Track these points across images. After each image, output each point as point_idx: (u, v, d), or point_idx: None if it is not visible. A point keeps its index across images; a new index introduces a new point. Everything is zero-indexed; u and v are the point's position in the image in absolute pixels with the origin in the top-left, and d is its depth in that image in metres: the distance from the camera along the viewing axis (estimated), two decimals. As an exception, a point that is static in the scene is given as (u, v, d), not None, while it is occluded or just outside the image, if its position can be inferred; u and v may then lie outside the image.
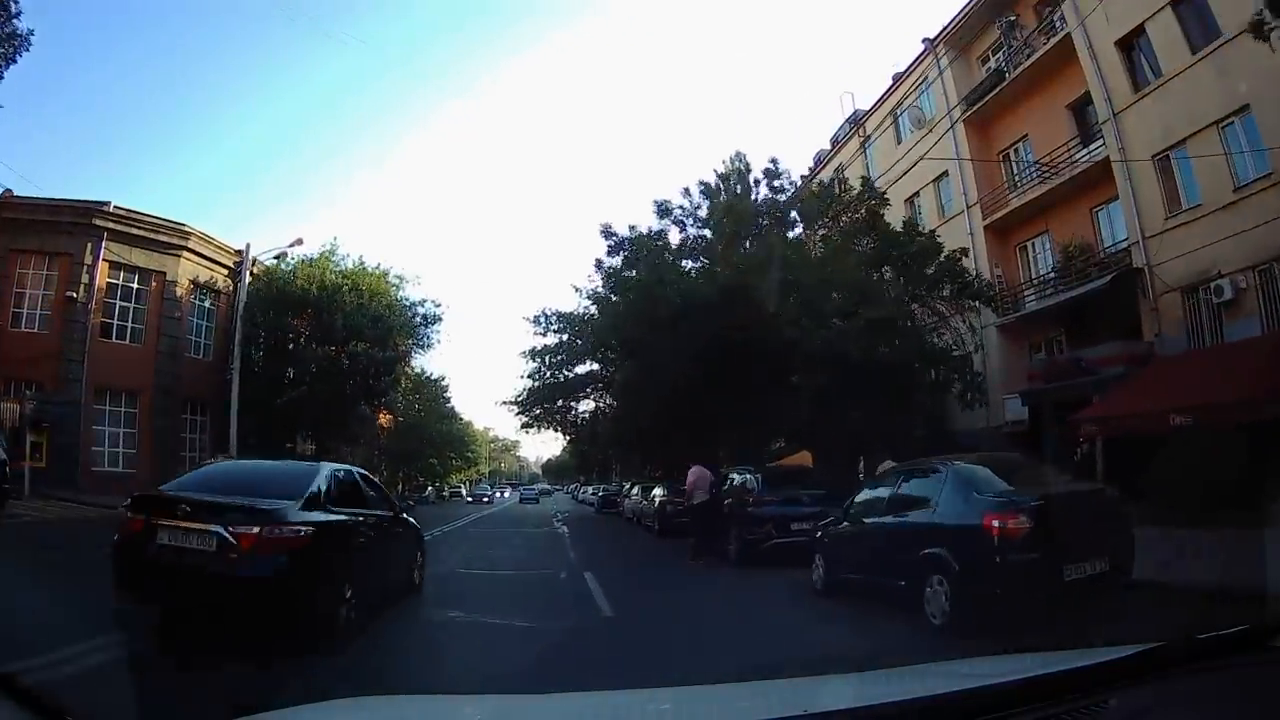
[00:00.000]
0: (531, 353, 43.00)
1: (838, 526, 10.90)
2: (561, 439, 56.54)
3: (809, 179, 30.26)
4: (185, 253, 32.27)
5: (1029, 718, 1.86)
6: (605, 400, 44.07)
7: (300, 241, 32.95)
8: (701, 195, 25.67)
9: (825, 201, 24.32)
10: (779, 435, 24.74)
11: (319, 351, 32.52)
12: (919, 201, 28.62)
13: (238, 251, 33.45)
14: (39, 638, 5.90)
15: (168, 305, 31.71)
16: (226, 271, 33.93)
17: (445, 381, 59.88)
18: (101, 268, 29.76)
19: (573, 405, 45.78)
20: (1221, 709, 2.03)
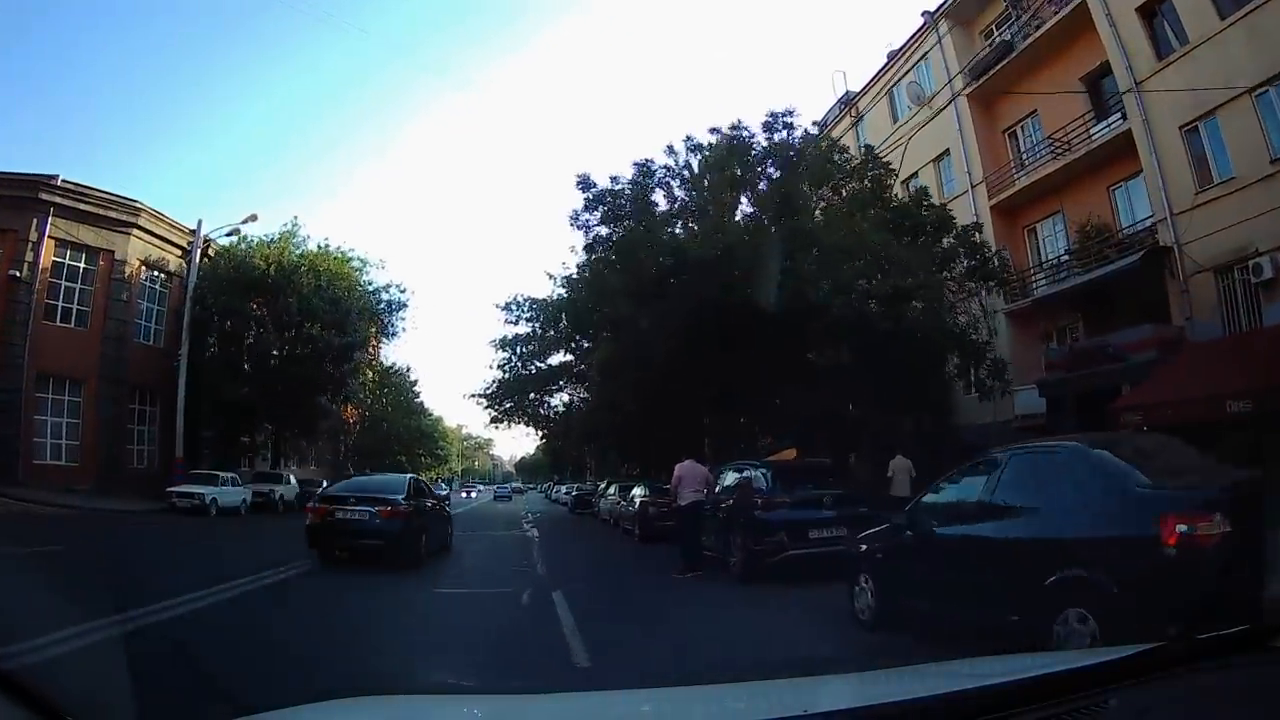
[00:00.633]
0: (502, 342, 41.44)
1: (897, 537, 8.04)
2: (535, 436, 54.96)
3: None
4: (136, 231, 30.32)
5: (1029, 718, 1.81)
6: (579, 393, 42.58)
7: (254, 218, 31.03)
8: (690, 151, 21.95)
9: (825, 164, 21.16)
10: (779, 426, 22.32)
11: (273, 337, 30.65)
12: (917, 182, 27.07)
13: (192, 231, 31.45)
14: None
15: (116, 287, 29.74)
16: (180, 252, 31.93)
17: (411, 374, 57.92)
18: (47, 245, 27.94)
19: (545, 399, 44.22)
20: (1221, 709, 1.97)
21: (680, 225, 20.83)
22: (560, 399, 44.81)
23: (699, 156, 21.40)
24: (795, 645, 7.73)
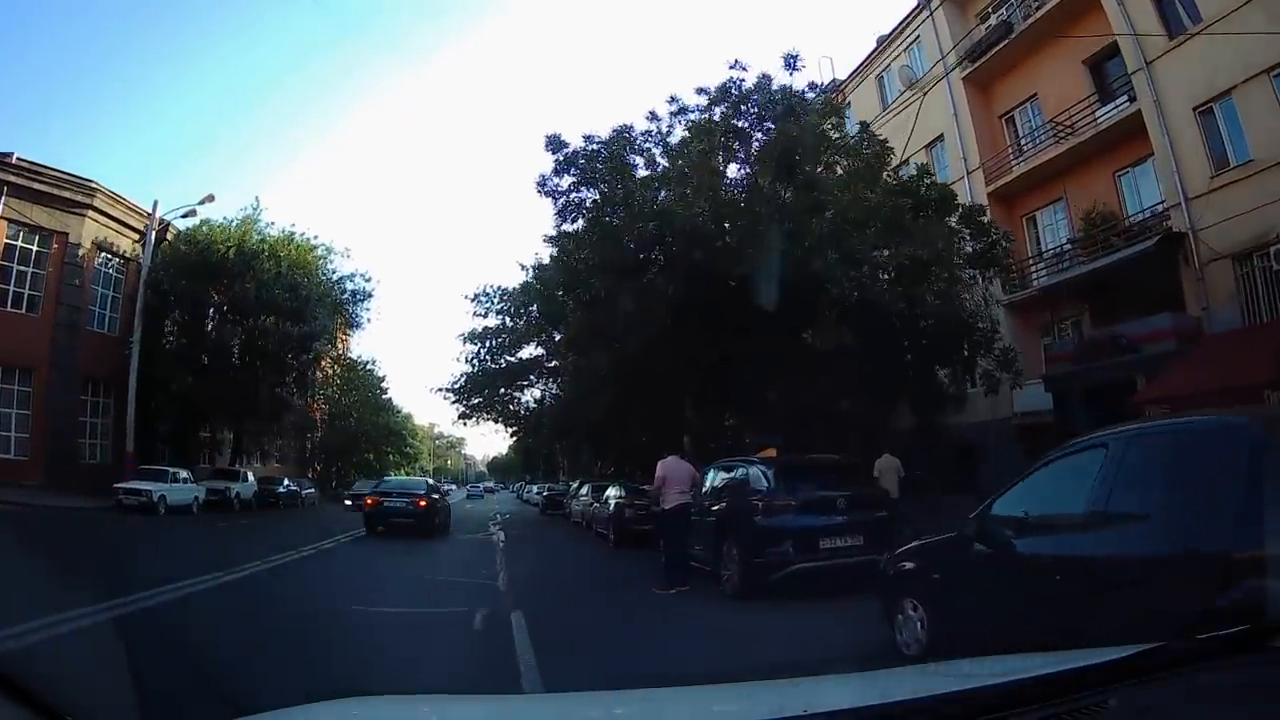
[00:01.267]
0: (470, 335, 40.27)
1: (960, 554, 6.02)
2: (506, 435, 53.68)
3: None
4: (91, 212, 28.69)
5: (1029, 718, 1.80)
6: (551, 388, 41.49)
7: (211, 198, 29.47)
8: (675, 116, 19.68)
9: (820, 133, 18.81)
10: (766, 421, 20.80)
11: (230, 325, 29.28)
12: (908, 171, 26.25)
13: (150, 215, 29.90)
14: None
15: (69, 271, 28.13)
16: (137, 236, 30.30)
17: (376, 367, 56.23)
18: (-1, 225, 26.19)
19: (515, 394, 43.10)
20: (1221, 709, 1.94)
21: (663, 192, 18.29)
22: (531, 395, 43.79)
23: (685, 120, 19.46)
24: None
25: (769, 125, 18.45)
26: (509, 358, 40.26)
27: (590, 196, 19.01)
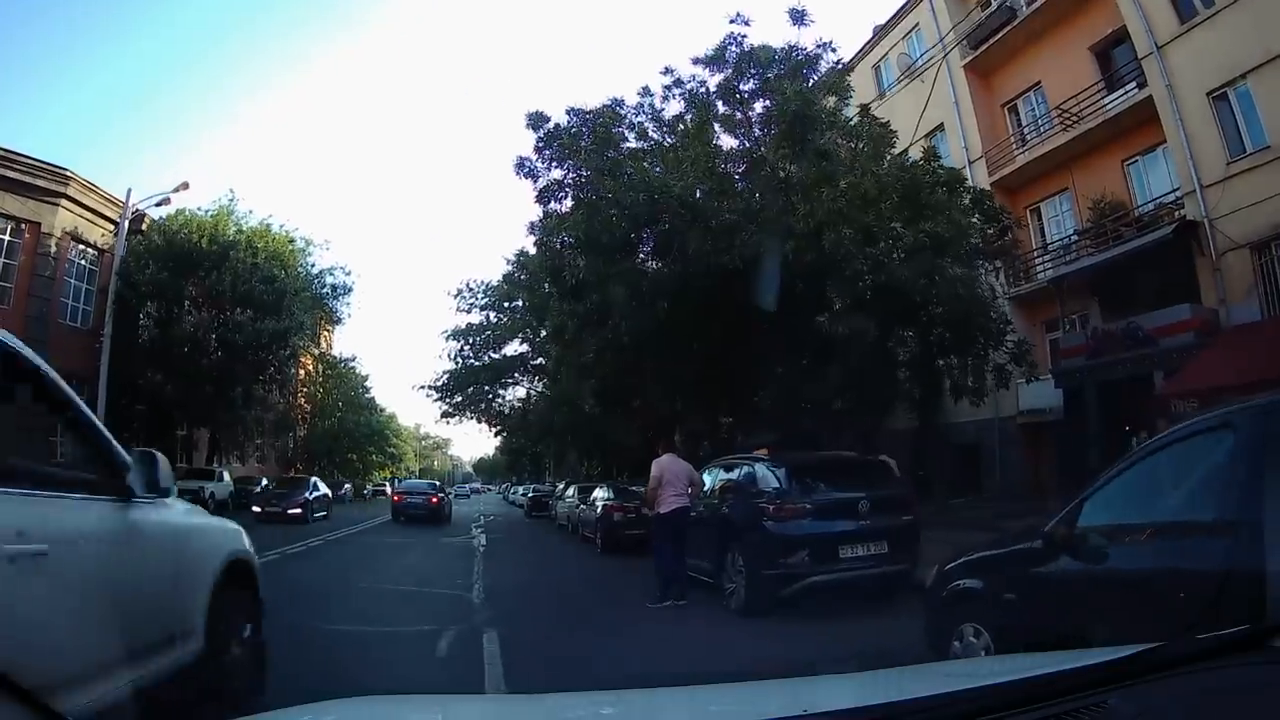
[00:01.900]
0: (453, 332, 39.53)
1: (1037, 568, 4.75)
2: (492, 435, 52.88)
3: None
4: (64, 201, 27.58)
5: (1029, 718, 1.76)
6: (536, 385, 40.80)
7: (186, 186, 28.33)
8: (669, 90, 18.31)
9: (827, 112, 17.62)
10: (760, 419, 19.52)
11: (205, 319, 28.33)
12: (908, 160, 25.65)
13: (124, 203, 28.88)
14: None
15: (40, 262, 27.02)
16: (112, 227, 29.20)
17: (357, 363, 55.11)
18: (-33, 214, 25.23)
19: (499, 392, 42.39)
20: (1221, 709, 1.85)
21: (657, 167, 16.77)
22: (516, 393, 43.10)
23: (680, 92, 18.20)
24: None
25: (771, 97, 17.23)
26: (492, 355, 39.61)
27: (574, 175, 17.50)
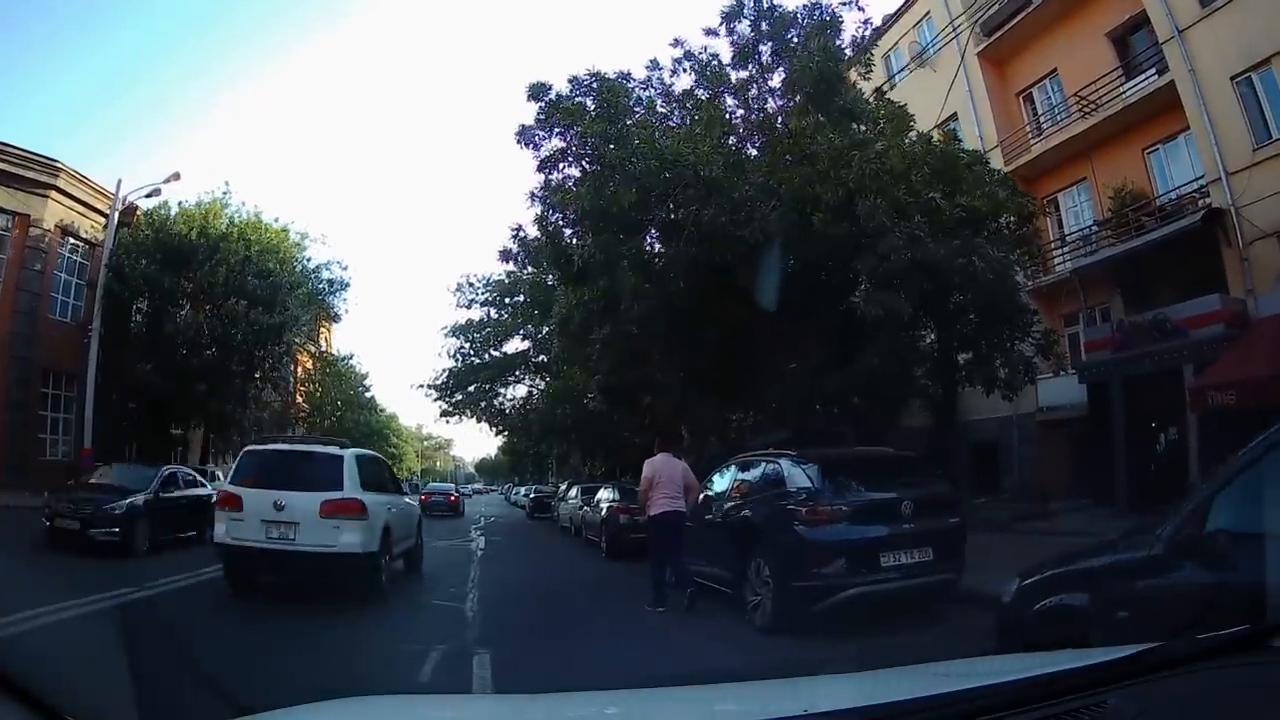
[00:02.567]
0: (454, 329, 38.89)
1: (1162, 581, 3.93)
2: (493, 435, 52.33)
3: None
4: (54, 193, 27.05)
5: (1029, 718, 1.79)
6: (538, 384, 40.17)
7: (177, 176, 27.74)
8: (679, 63, 17.02)
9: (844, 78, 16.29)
10: (774, 415, 18.24)
11: (196, 313, 27.74)
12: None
13: (114, 194, 28.30)
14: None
15: (30, 255, 26.50)
16: (103, 220, 28.58)
17: (355, 360, 54.53)
18: (-44, 206, 24.75)
19: (500, 390, 41.73)
20: (1221, 709, 1.86)
21: (667, 140, 15.35)
22: (517, 392, 42.45)
23: (690, 65, 16.97)
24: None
25: (792, 60, 15.99)
26: (493, 352, 39.00)
27: (578, 146, 16.15)
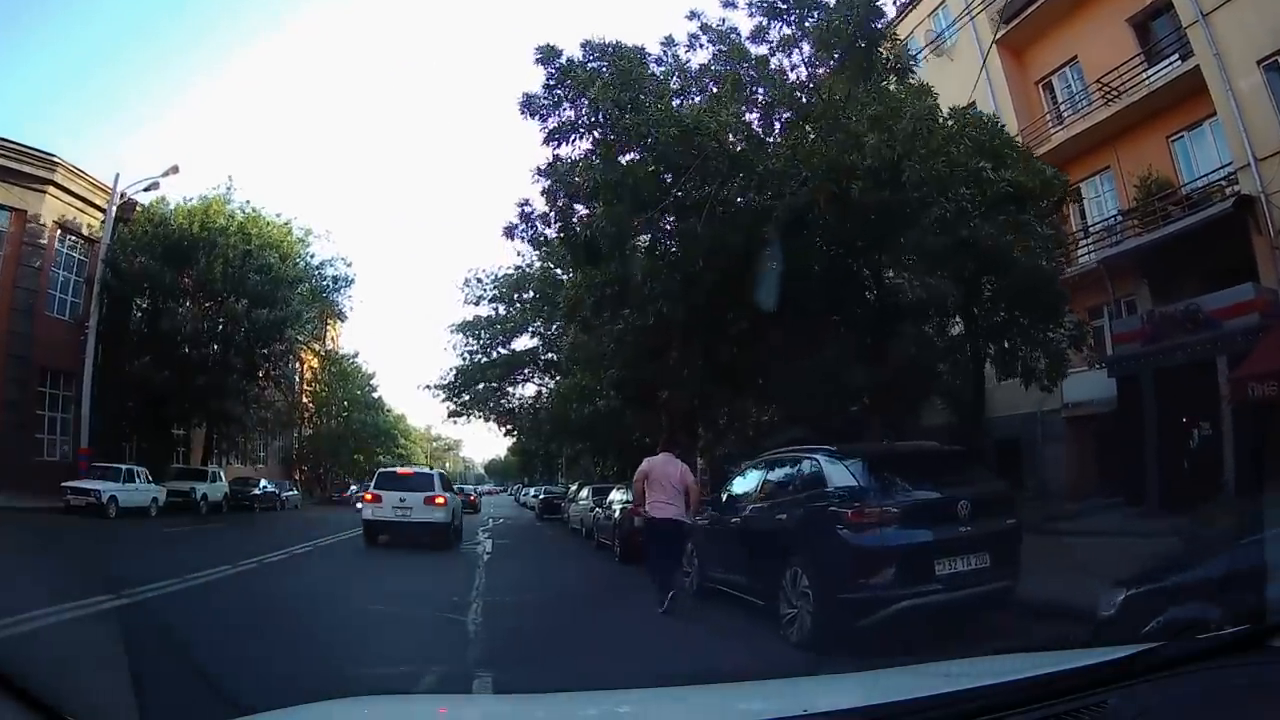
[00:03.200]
0: (461, 326, 38.36)
1: None
2: (502, 435, 51.73)
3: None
4: (51, 188, 26.80)
5: (1029, 718, 1.79)
6: (547, 382, 39.61)
7: (176, 170, 27.53)
8: (694, 39, 15.31)
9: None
10: (794, 408, 17.14)
11: (196, 309, 27.31)
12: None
13: (112, 188, 27.94)
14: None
15: (27, 252, 26.18)
16: (102, 215, 28.27)
17: (359, 359, 54.15)
18: (-50, 202, 24.42)
19: (508, 389, 41.22)
20: (1221, 709, 1.91)
21: (683, 105, 14.37)
22: (526, 391, 41.93)
23: (709, 36, 15.32)
24: None
25: (824, 15, 14.29)
26: (501, 350, 38.50)
27: (590, 115, 14.64)
